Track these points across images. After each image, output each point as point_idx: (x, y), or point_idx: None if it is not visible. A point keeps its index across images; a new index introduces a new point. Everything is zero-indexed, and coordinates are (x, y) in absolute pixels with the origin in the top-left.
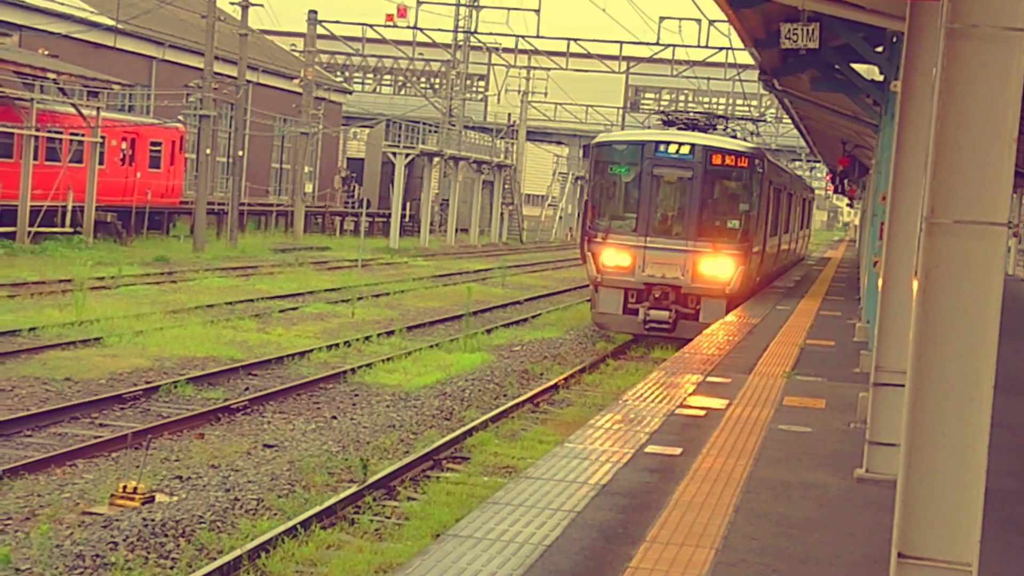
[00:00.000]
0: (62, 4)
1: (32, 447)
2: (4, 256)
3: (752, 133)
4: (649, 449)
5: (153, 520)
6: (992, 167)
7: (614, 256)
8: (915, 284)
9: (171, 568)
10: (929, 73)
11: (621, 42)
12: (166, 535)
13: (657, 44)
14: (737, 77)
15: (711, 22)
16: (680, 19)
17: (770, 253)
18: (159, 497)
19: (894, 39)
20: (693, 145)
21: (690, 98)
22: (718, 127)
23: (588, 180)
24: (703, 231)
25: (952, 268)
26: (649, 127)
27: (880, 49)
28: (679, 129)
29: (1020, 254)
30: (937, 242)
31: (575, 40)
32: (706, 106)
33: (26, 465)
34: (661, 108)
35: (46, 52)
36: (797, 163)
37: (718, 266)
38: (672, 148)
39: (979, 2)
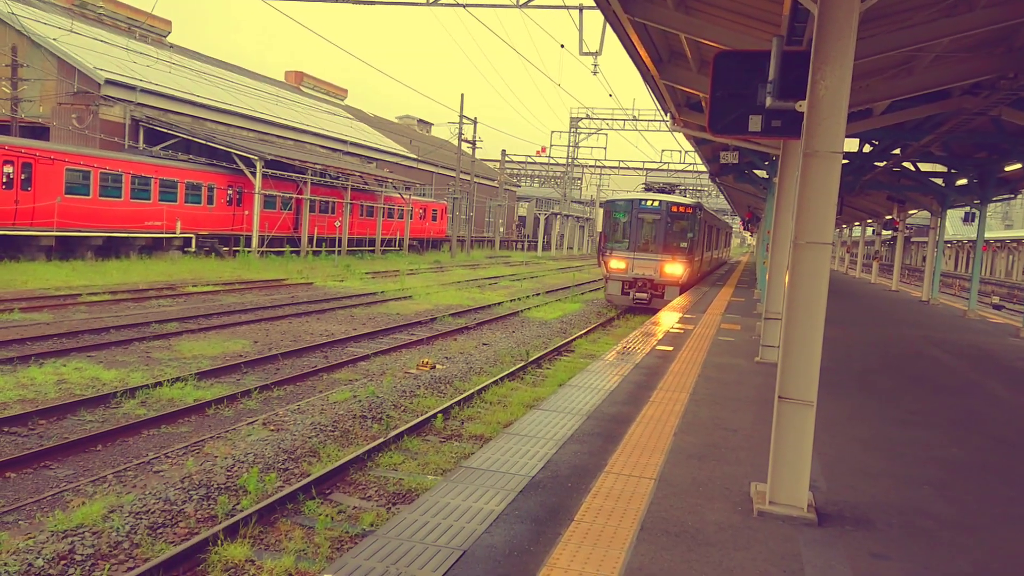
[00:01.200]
0: (395, 148)
1: (384, 343)
2: (369, 259)
3: (699, 195)
4: (657, 348)
5: (435, 376)
6: (824, 216)
7: (616, 263)
8: (787, 273)
9: (442, 395)
10: (793, 174)
11: (644, 161)
12: (441, 383)
13: (660, 162)
14: (698, 177)
15: (686, 151)
16: (671, 150)
17: (706, 260)
18: (438, 366)
19: (774, 158)
20: (661, 201)
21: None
22: (675, 191)
23: (603, 221)
24: (666, 248)
25: (806, 264)
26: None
27: (767, 163)
28: (654, 192)
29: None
30: (799, 251)
31: (621, 161)
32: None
33: (380, 351)
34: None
35: (388, 170)
36: (726, 215)
37: (675, 268)
38: (649, 203)
39: (818, 137)
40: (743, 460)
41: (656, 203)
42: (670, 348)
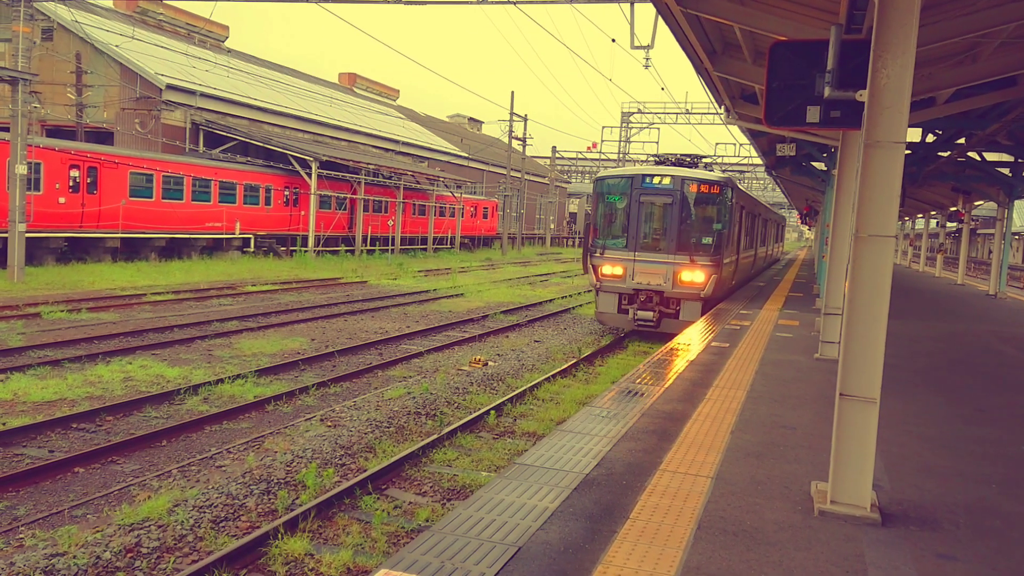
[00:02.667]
0: (446, 147)
1: (437, 340)
2: (421, 257)
3: (740, 173)
4: (713, 344)
5: (487, 373)
6: (887, 208)
7: (610, 268)
8: (849, 267)
9: (495, 392)
10: (853, 165)
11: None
12: (493, 380)
13: (714, 155)
14: (754, 170)
15: (741, 144)
16: (725, 143)
17: (744, 262)
18: (491, 363)
19: (833, 149)
20: (673, 177)
21: None
22: (698, 164)
23: (591, 208)
24: (682, 245)
25: (868, 257)
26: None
27: (825, 155)
28: (667, 166)
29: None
30: (861, 244)
31: (672, 155)
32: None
33: (433, 349)
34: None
35: (439, 169)
36: (783, 209)
37: (694, 274)
38: (656, 180)
39: (880, 127)
40: (803, 459)
41: (667, 180)
42: (726, 344)
